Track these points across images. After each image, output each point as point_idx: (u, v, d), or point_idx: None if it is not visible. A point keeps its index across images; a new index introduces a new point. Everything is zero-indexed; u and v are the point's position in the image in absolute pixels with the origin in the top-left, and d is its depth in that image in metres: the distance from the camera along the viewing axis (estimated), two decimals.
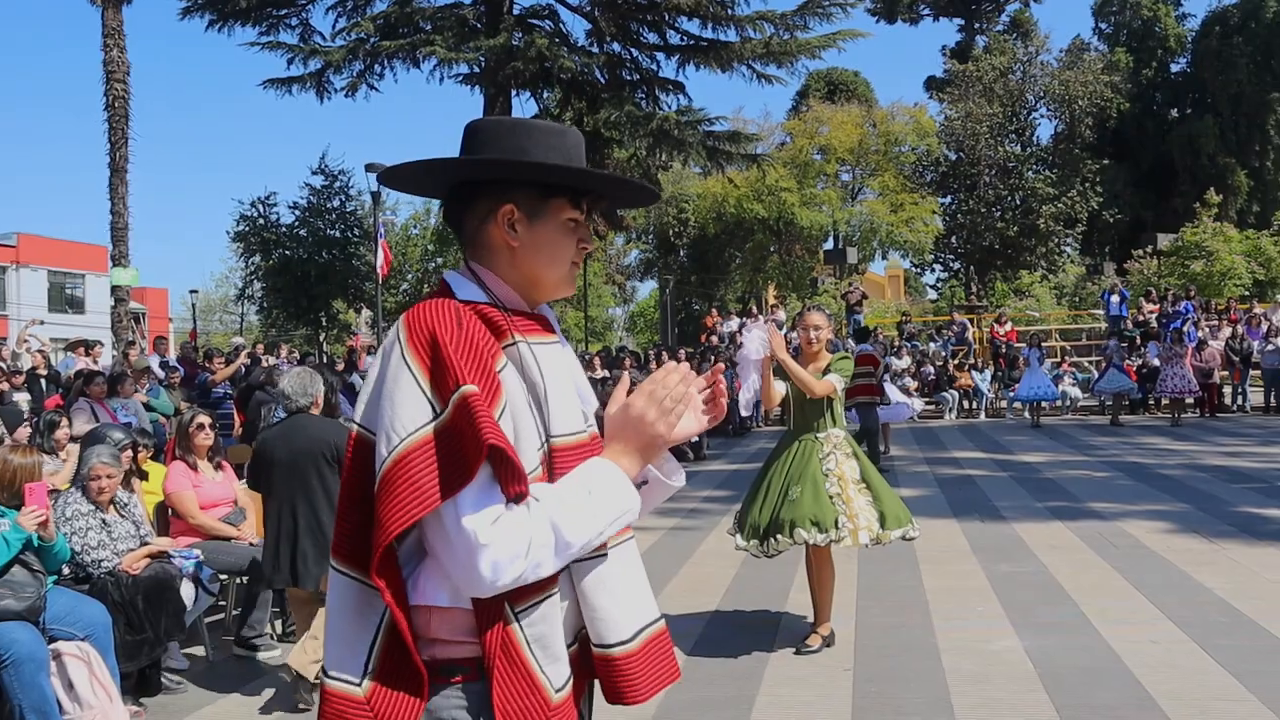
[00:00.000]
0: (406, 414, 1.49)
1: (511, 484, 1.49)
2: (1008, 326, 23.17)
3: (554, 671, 1.58)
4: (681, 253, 41.77)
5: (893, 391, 15.08)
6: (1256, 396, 19.93)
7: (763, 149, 28.01)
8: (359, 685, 1.51)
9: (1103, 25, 41.63)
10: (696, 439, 15.57)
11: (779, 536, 5.13)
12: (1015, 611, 5.98)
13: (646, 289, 54.20)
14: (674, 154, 22.90)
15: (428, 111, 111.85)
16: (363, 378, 14.92)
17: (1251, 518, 8.70)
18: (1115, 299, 22.42)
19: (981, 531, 8.36)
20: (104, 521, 4.83)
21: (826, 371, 5.35)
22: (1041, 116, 41.09)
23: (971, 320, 25.31)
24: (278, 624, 5.86)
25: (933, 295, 48.48)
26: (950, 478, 11.96)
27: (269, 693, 4.99)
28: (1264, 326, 20.23)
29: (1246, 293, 24.43)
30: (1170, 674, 4.78)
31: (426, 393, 1.49)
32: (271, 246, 25.62)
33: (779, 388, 5.43)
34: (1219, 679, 4.71)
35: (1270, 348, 18.97)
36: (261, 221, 25.84)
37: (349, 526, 1.56)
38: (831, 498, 5.15)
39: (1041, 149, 40.55)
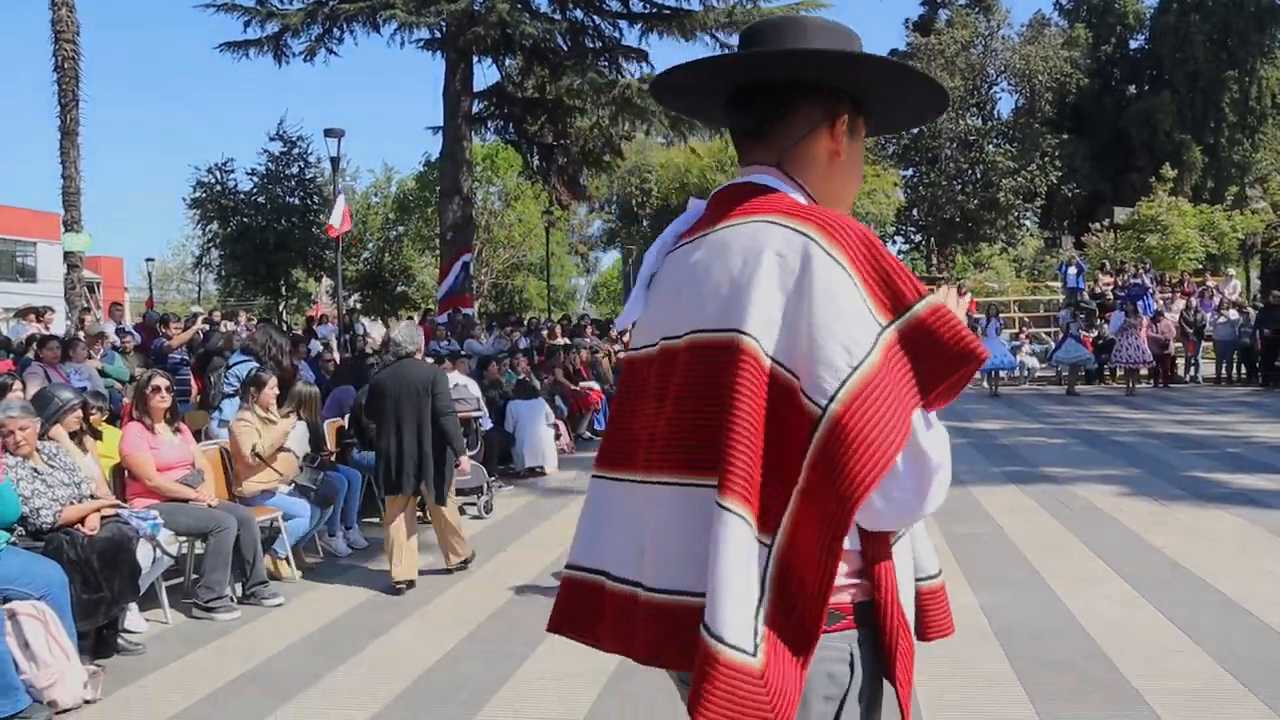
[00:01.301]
0: (858, 330, 1.33)
1: None
2: (967, 298, 23.17)
3: (910, 610, 1.51)
4: (644, 223, 41.71)
5: None
6: (1208, 368, 20.33)
7: None
8: (753, 655, 1.31)
9: (1063, 1, 41.89)
10: None
11: None
12: (971, 570, 6.08)
13: (609, 259, 54.24)
14: (637, 122, 22.78)
15: (389, 77, 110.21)
16: (324, 347, 14.81)
17: (1199, 481, 8.89)
18: (1073, 271, 22.71)
19: None
20: (35, 471, 4.74)
21: None
22: (1002, 91, 41.44)
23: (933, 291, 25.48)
24: (238, 586, 5.83)
25: None
26: None
27: (229, 654, 4.97)
28: (1216, 299, 20.60)
29: (1200, 266, 24.84)
30: (1120, 629, 4.89)
31: (870, 306, 1.35)
32: (229, 214, 25.23)
33: None
34: (1167, 633, 4.83)
35: (1222, 320, 19.32)
36: (219, 188, 25.42)
37: (746, 460, 1.34)
38: None
39: (1002, 123, 40.87)
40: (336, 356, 13.97)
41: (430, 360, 7.63)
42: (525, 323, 19.46)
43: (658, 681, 4.34)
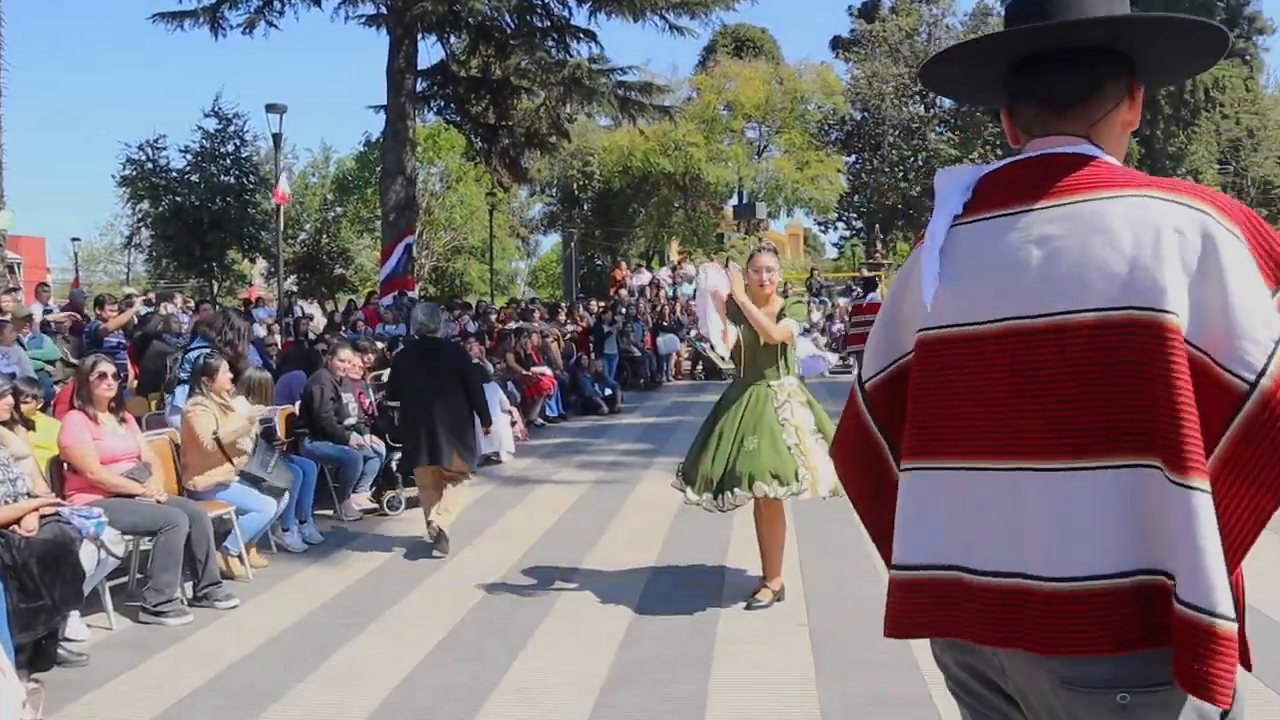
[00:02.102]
0: (1269, 304, 1.35)
1: None
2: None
3: None
4: (585, 206, 41.34)
5: (807, 345, 15.05)
6: None
7: (671, 102, 27.64)
8: (1231, 621, 1.31)
9: None
10: (609, 392, 15.35)
11: (736, 490, 4.88)
12: None
13: (549, 243, 53.70)
14: (585, 104, 22.39)
15: (327, 54, 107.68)
16: (266, 330, 14.22)
17: None
18: None
19: None
20: None
21: (780, 316, 5.10)
22: None
23: (880, 276, 25.54)
24: (188, 587, 5.41)
25: (833, 254, 49.07)
26: None
27: (183, 664, 4.57)
28: None
29: None
30: None
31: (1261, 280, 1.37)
32: (161, 192, 24.22)
33: (730, 332, 5.17)
34: None
35: None
36: (150, 166, 24.40)
37: (1195, 437, 1.32)
38: (790, 448, 4.94)
39: (944, 111, 41.11)
40: (279, 340, 13.42)
41: (380, 344, 7.81)
42: (474, 306, 18.99)
43: (655, 682, 4.09)
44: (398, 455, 7.94)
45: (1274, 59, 52.13)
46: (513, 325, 15.49)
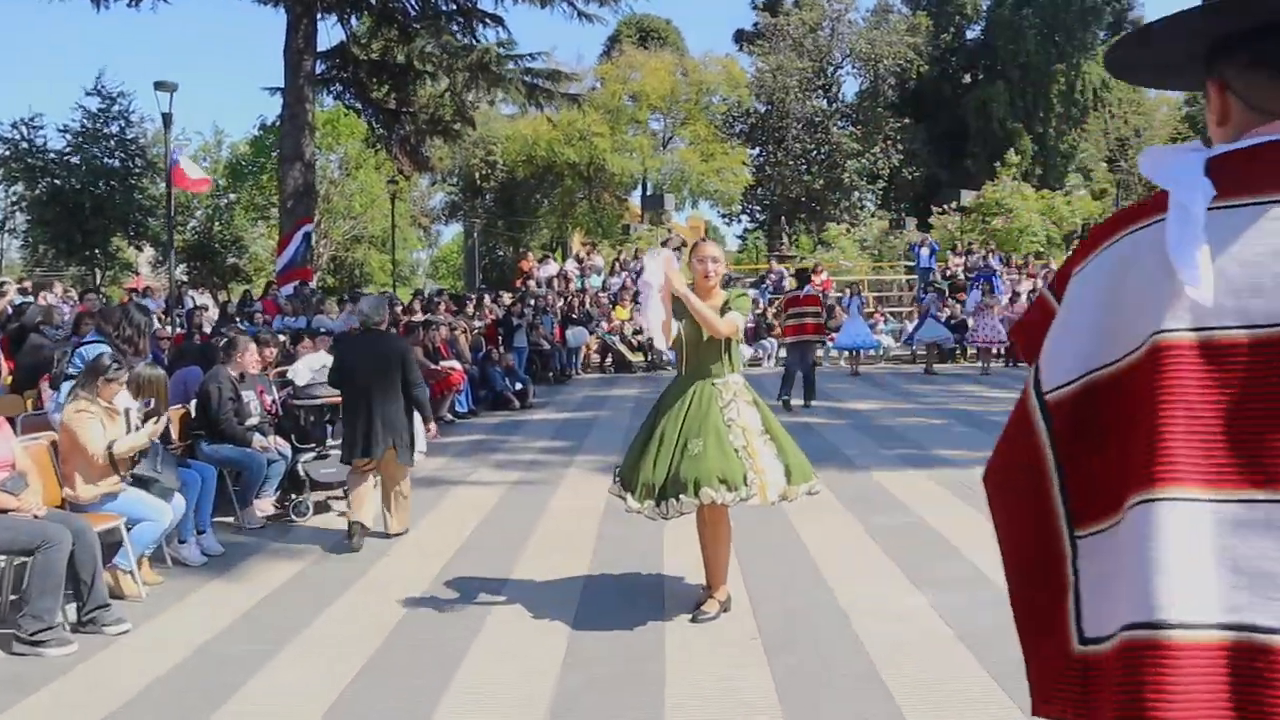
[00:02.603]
0: None
1: None
2: (824, 276, 23.52)
3: None
4: (488, 196, 40.64)
5: None
6: None
7: (576, 90, 27.21)
8: None
9: None
10: (520, 386, 14.90)
11: (681, 497, 4.55)
12: (908, 567, 5.69)
13: (450, 233, 52.68)
14: (491, 90, 21.86)
15: (218, 31, 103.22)
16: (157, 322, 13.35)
17: None
18: (925, 252, 23.13)
19: (843, 481, 8.10)
20: None
21: (725, 309, 4.79)
22: (847, 74, 42.21)
23: (788, 269, 25.58)
24: (71, 610, 4.84)
25: (733, 246, 49.29)
26: (791, 425, 11.72)
27: (68, 705, 4.04)
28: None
29: (1041, 249, 25.79)
30: None
31: None
32: (38, 174, 22.81)
33: (670, 326, 4.83)
34: None
35: None
36: (25, 146, 22.93)
37: None
38: (737, 450, 4.63)
39: (847, 106, 41.65)
40: (169, 332, 12.61)
41: (283, 336, 8.42)
42: (355, 298, 18.28)
43: (606, 706, 3.76)
44: (304, 457, 7.44)
45: None
46: (421, 317, 14.90)
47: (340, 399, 7.63)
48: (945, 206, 29.04)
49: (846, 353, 18.96)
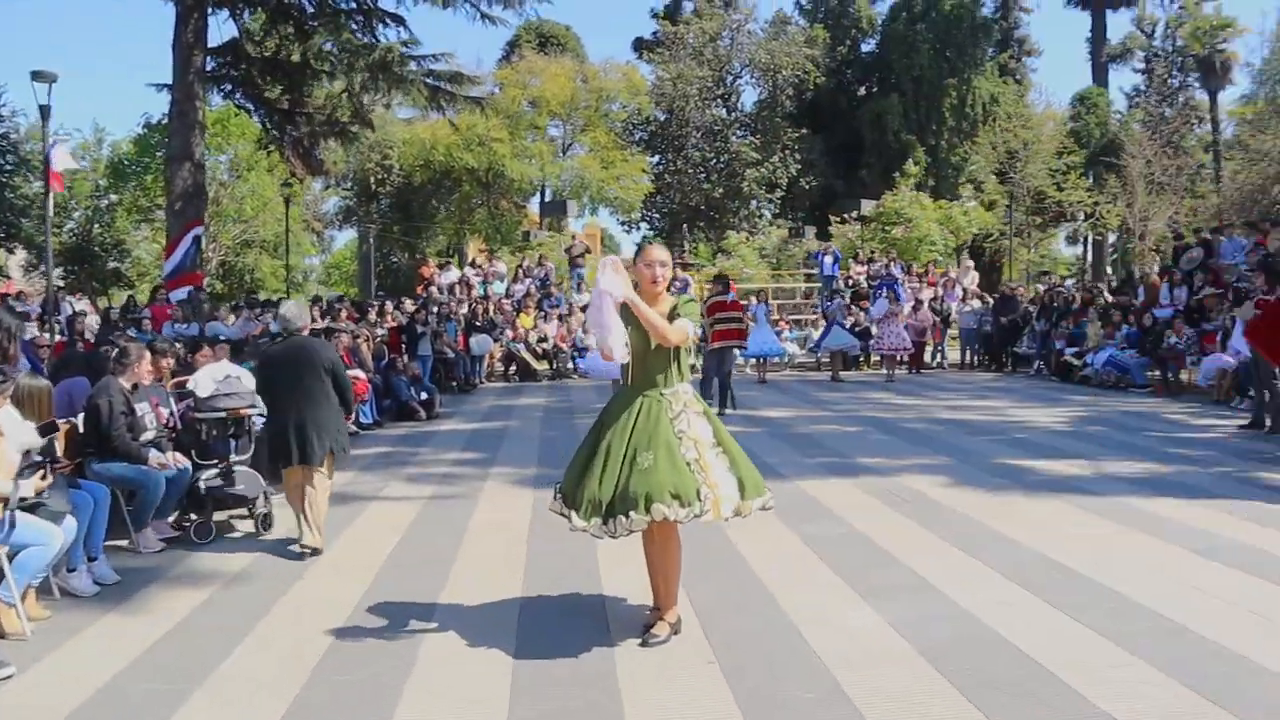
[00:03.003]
0: None
1: None
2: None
3: None
4: (383, 201, 39.71)
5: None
6: (953, 354, 21.48)
7: (478, 94, 26.69)
8: None
9: (803, 1, 43.56)
10: (426, 396, 14.43)
11: (632, 514, 4.29)
12: (850, 578, 5.53)
13: (344, 239, 51.31)
14: (392, 91, 21.22)
15: (106, 22, 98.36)
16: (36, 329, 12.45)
17: (1012, 469, 8.90)
18: (829, 260, 23.34)
19: (771, 491, 7.93)
20: None
21: (674, 316, 4.55)
22: (746, 84, 42.53)
23: (692, 276, 25.55)
24: None
25: (630, 254, 49.27)
26: None
27: None
28: (958, 289, 21.78)
29: (939, 258, 26.31)
30: (1043, 639, 4.45)
31: None
32: None
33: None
34: (1093, 641, 4.44)
35: (967, 309, 20.42)
36: None
37: None
38: (689, 464, 4.40)
39: (746, 115, 41.95)
40: (49, 340, 11.78)
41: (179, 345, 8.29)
42: (277, 304, 17.54)
43: None
44: (206, 474, 6.93)
45: (1040, 79, 56.29)
46: (322, 324, 14.30)
47: (247, 411, 7.19)
48: (846, 216, 29.42)
49: (753, 360, 18.96)
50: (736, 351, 14.37)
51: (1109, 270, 40.52)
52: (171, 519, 6.89)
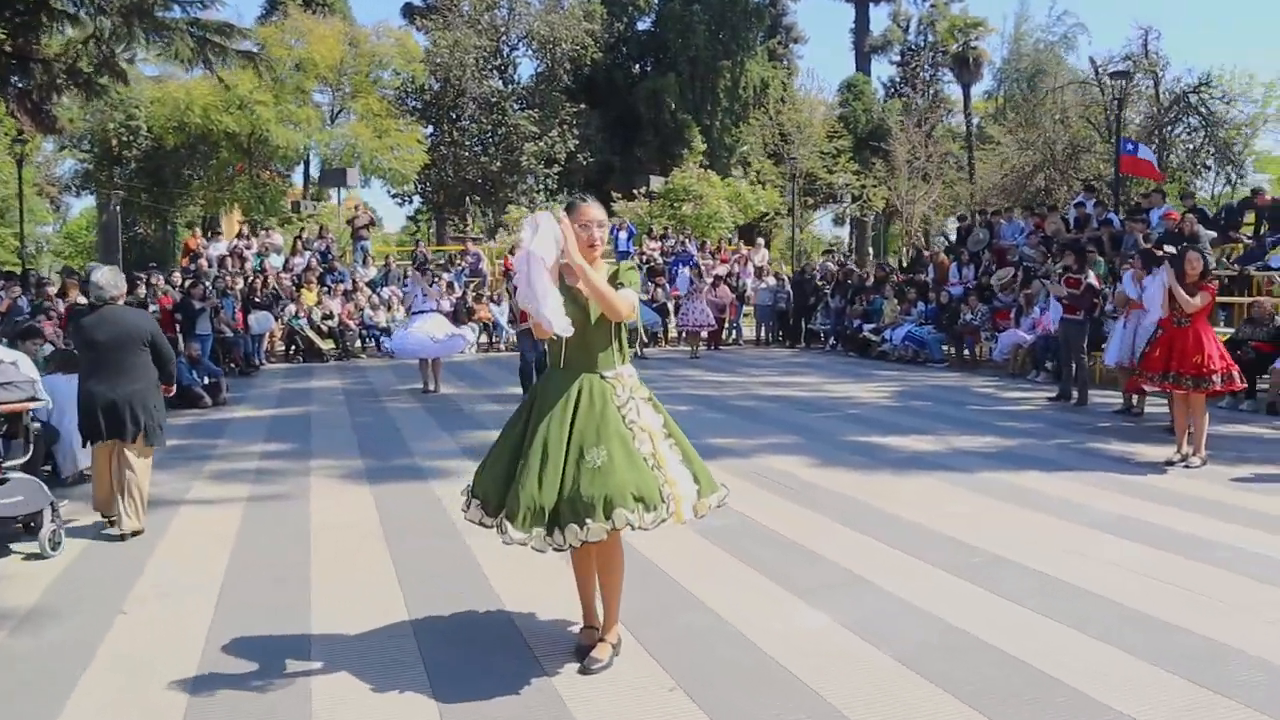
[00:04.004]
0: None
1: None
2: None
3: None
4: (130, 166, 36.09)
5: (438, 320, 13.75)
6: (747, 330, 21.72)
7: (254, 48, 24.47)
8: None
9: None
10: (211, 380, 12.97)
11: (588, 521, 3.59)
12: (775, 575, 5.07)
13: (80, 205, 46.41)
14: (150, 40, 18.95)
15: None
16: None
17: (866, 446, 8.79)
18: (623, 235, 23.02)
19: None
20: None
21: (615, 285, 3.87)
22: (524, 56, 41.65)
23: (484, 251, 24.61)
24: None
25: (393, 228, 47.41)
26: None
27: None
28: (750, 266, 22.02)
29: (729, 235, 26.59)
30: (1013, 633, 4.14)
31: None
32: None
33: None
34: (1059, 633, 4.17)
35: (763, 286, 20.63)
36: None
37: None
38: (646, 460, 3.76)
39: (523, 88, 41.07)
40: None
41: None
42: (24, 277, 15.21)
43: None
44: None
45: (808, 65, 58.81)
46: (82, 301, 12.45)
47: (24, 406, 5.90)
48: (636, 192, 29.24)
49: None
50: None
51: (870, 250, 42.68)
52: None
